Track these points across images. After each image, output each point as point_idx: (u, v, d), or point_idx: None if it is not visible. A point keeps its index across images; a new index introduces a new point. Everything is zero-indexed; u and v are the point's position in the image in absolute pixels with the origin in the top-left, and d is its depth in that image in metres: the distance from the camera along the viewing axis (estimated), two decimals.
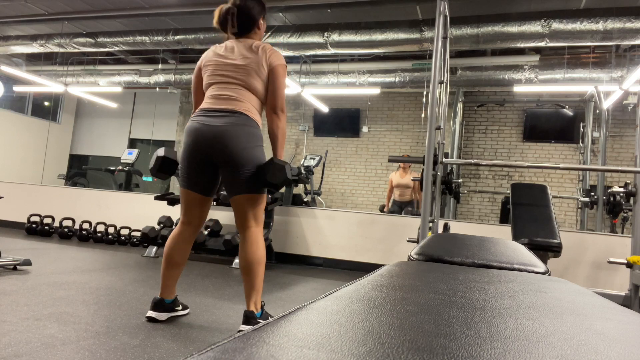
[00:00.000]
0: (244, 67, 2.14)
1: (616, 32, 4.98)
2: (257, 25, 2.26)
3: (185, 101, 10.06)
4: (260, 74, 2.15)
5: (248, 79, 2.14)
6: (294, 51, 6.42)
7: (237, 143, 2.06)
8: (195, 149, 2.11)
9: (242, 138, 2.07)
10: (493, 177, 8.29)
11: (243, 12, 2.20)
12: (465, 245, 1.38)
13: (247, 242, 2.11)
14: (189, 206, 2.20)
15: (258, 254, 2.10)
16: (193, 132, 2.12)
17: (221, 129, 2.07)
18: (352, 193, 9.02)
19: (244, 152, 2.06)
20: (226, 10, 2.21)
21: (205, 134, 2.08)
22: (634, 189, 3.38)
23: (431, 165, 3.12)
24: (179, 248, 2.19)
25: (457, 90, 7.93)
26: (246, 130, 2.09)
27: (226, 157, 2.06)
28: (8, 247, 4.32)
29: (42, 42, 7.34)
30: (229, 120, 2.08)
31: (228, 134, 2.06)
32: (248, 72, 2.13)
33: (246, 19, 2.22)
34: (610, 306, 0.72)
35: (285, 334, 0.43)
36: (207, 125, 2.09)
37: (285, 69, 2.21)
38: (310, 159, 6.37)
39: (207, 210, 2.27)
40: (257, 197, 2.13)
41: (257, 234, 2.13)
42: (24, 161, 10.22)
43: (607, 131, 6.68)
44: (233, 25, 2.21)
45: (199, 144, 2.10)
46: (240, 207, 2.12)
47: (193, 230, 2.22)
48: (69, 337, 1.80)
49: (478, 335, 0.47)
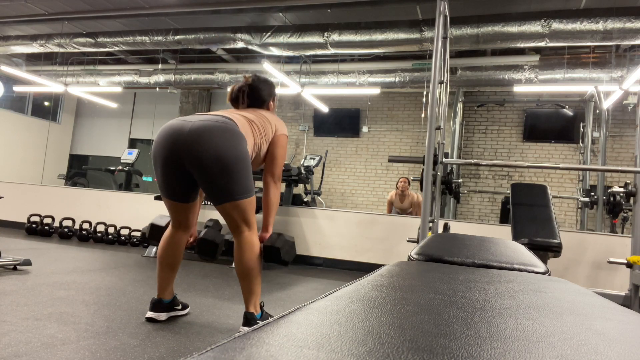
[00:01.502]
0: (253, 120, 2.14)
1: (616, 32, 4.98)
2: (267, 106, 2.34)
3: (185, 101, 10.07)
4: (267, 132, 2.16)
5: (260, 121, 2.16)
6: (294, 51, 6.42)
7: (211, 137, 1.89)
8: (162, 154, 1.96)
9: (215, 131, 1.91)
10: (493, 177, 8.29)
11: (254, 92, 2.29)
12: (465, 245, 1.38)
13: (240, 247, 2.06)
14: (174, 212, 2.16)
15: (253, 259, 2.07)
16: (159, 135, 1.99)
17: (196, 125, 1.92)
18: (352, 193, 9.02)
19: (225, 153, 1.90)
20: (238, 89, 2.30)
21: (173, 134, 1.93)
22: (634, 189, 3.38)
23: (431, 165, 3.12)
24: (172, 250, 2.18)
25: (457, 90, 7.93)
26: (223, 127, 1.93)
27: (202, 160, 1.88)
28: (8, 247, 4.32)
29: (42, 42, 7.34)
30: (207, 118, 1.96)
31: (199, 129, 1.90)
32: (257, 125, 2.14)
33: (257, 98, 2.30)
34: (610, 306, 0.72)
35: (285, 334, 0.43)
36: (179, 125, 1.95)
37: (287, 141, 2.27)
38: (310, 159, 6.37)
39: (195, 212, 2.21)
40: (246, 203, 2.01)
41: (250, 238, 2.07)
42: (24, 161, 10.22)
43: (607, 131, 6.68)
44: (243, 102, 2.29)
45: (166, 147, 1.94)
46: (228, 216, 2.03)
47: (183, 232, 2.20)
48: (69, 337, 1.80)
49: (478, 335, 0.47)
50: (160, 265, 2.19)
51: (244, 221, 2.05)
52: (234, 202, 1.99)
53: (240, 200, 2.00)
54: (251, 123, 2.10)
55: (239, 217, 2.03)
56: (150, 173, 9.73)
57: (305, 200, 5.92)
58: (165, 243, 2.19)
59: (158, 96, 10.22)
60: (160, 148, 1.98)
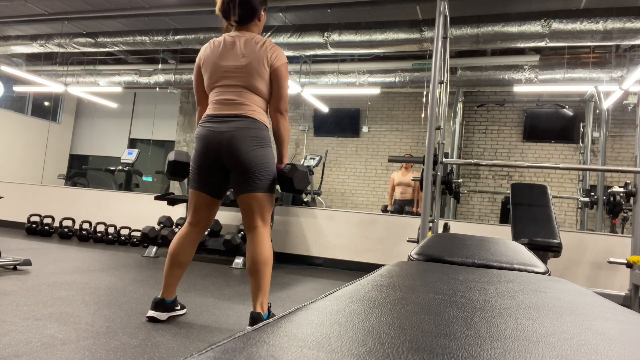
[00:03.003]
0: (246, 67, 2.11)
1: (616, 32, 4.98)
2: (258, 16, 2.24)
3: (185, 101, 10.06)
4: (262, 74, 2.13)
5: (250, 80, 2.12)
6: (294, 51, 6.42)
7: (244, 146, 2.08)
8: (204, 155, 2.15)
9: (249, 140, 2.09)
10: (493, 177, 8.29)
11: (245, 2, 2.18)
12: (465, 245, 1.38)
13: (253, 242, 2.10)
14: (198, 208, 2.20)
15: (265, 254, 2.09)
16: (202, 139, 2.16)
17: (228, 134, 2.09)
18: (352, 193, 9.02)
19: (250, 154, 2.08)
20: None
21: (214, 141, 2.11)
22: (634, 189, 3.38)
23: (431, 165, 3.12)
24: (185, 248, 2.19)
25: (457, 90, 7.93)
26: (252, 133, 2.11)
27: (235, 161, 2.09)
28: (8, 247, 4.32)
29: (42, 42, 7.34)
30: (235, 125, 2.10)
31: (235, 139, 2.08)
32: (250, 73, 2.11)
33: (248, 8, 2.19)
34: (610, 306, 0.72)
35: (285, 334, 0.43)
36: (214, 131, 2.12)
37: (287, 67, 2.20)
38: (310, 159, 6.37)
39: (215, 212, 2.27)
40: (264, 197, 2.13)
41: (263, 234, 2.12)
42: (24, 161, 10.22)
43: (607, 131, 6.68)
44: (234, 13, 2.18)
45: (208, 150, 2.13)
46: (247, 206, 2.12)
47: (200, 232, 2.22)
48: (69, 337, 1.80)
49: (478, 335, 0.47)
50: (170, 263, 2.19)
51: (261, 215, 2.12)
52: (256, 194, 2.10)
53: (262, 193, 2.12)
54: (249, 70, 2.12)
55: (258, 209, 2.11)
56: (150, 173, 9.74)
57: (305, 200, 5.92)
58: (179, 239, 2.20)
59: (158, 96, 10.22)
60: (203, 151, 2.15)
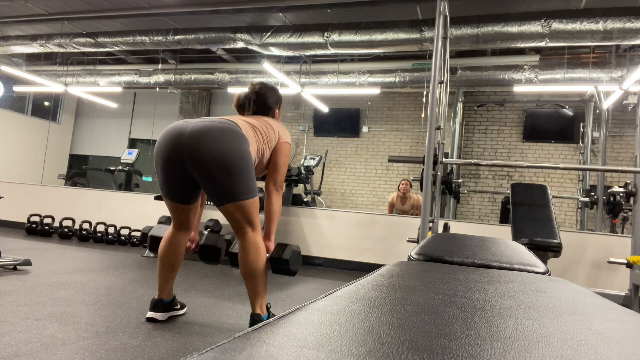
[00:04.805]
0: (256, 126, 2.14)
1: (616, 32, 4.98)
2: (273, 114, 2.36)
3: (185, 101, 10.06)
4: (270, 138, 2.17)
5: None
6: (294, 51, 6.42)
7: (218, 143, 1.89)
8: (166, 153, 1.95)
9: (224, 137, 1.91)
10: (493, 177, 8.29)
11: (260, 100, 2.31)
12: (465, 245, 1.37)
13: (245, 248, 2.03)
14: (175, 214, 2.15)
15: (258, 260, 2.04)
16: (164, 135, 1.98)
17: (198, 125, 1.93)
18: (352, 193, 9.02)
19: (227, 153, 1.89)
20: (245, 96, 2.33)
21: (178, 135, 1.93)
22: (634, 189, 3.38)
23: (431, 165, 3.12)
24: (173, 250, 2.17)
25: (457, 90, 7.93)
26: (226, 129, 1.94)
27: (203, 161, 1.88)
28: (8, 247, 4.32)
29: (42, 42, 7.34)
30: (209, 120, 1.98)
31: (206, 132, 1.90)
32: (260, 130, 2.15)
33: (263, 106, 2.32)
34: (610, 306, 0.72)
35: (285, 334, 0.43)
36: (181, 126, 1.96)
37: (290, 148, 2.29)
38: (310, 159, 6.37)
39: (196, 213, 2.20)
40: (248, 204, 1.99)
41: (254, 239, 2.04)
42: (24, 161, 10.22)
43: (607, 131, 6.68)
44: (249, 109, 2.31)
45: (170, 146, 1.94)
46: (231, 216, 2.00)
47: (184, 233, 2.19)
48: (69, 337, 1.80)
49: (478, 335, 0.47)
50: (161, 265, 2.19)
51: (248, 222, 2.02)
52: (237, 203, 1.97)
53: (243, 201, 1.97)
54: (254, 128, 2.11)
55: (243, 218, 2.00)
56: (150, 173, 9.73)
57: (305, 200, 5.92)
58: (166, 243, 2.19)
59: (158, 96, 10.22)
60: (162, 149, 1.98)
